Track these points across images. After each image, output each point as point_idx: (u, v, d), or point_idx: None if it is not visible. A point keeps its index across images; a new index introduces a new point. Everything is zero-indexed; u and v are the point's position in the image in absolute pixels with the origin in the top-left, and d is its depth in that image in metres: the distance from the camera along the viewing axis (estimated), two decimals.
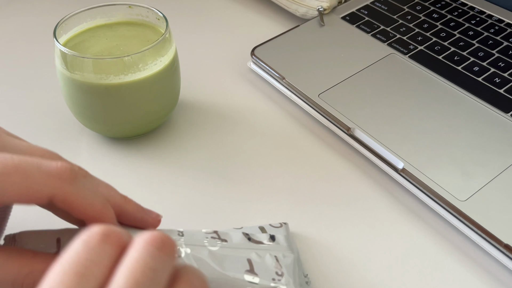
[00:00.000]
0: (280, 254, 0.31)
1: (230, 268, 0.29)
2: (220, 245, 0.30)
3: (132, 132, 0.43)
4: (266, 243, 0.32)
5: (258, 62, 0.50)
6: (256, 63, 0.50)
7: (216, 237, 0.31)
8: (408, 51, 0.50)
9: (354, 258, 0.35)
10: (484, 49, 0.50)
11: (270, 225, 0.34)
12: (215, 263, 0.29)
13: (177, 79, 0.44)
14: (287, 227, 0.35)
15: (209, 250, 0.29)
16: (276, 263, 0.30)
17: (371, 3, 0.57)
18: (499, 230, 0.34)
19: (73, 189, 0.24)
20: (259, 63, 0.50)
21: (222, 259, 0.29)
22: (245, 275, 0.29)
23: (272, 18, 0.60)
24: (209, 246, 0.29)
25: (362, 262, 0.35)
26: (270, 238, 0.32)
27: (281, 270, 0.30)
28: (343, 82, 0.47)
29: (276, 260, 0.30)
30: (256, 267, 0.30)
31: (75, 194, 0.24)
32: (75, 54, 0.38)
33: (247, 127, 0.46)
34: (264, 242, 0.32)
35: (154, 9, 0.43)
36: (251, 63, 0.51)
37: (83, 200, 0.25)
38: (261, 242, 0.32)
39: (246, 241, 0.31)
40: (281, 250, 0.32)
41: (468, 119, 0.42)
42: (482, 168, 0.38)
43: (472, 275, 0.34)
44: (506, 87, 0.45)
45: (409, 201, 0.39)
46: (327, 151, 0.43)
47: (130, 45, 0.42)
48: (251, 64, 0.51)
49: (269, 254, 0.31)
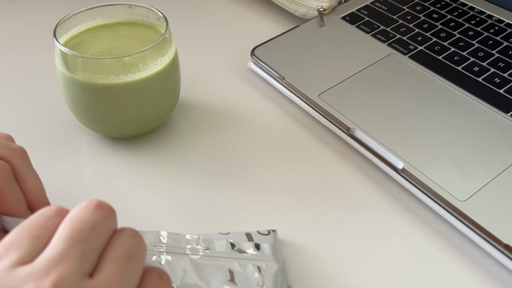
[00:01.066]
0: (264, 264, 0.31)
1: (210, 277, 0.29)
2: (202, 253, 0.30)
3: (132, 132, 0.43)
4: (249, 253, 0.31)
5: (258, 62, 0.50)
6: (256, 63, 0.50)
7: (199, 244, 0.31)
8: (408, 51, 0.50)
9: (354, 258, 0.35)
10: (484, 49, 0.50)
11: (258, 232, 0.34)
12: (195, 271, 0.29)
13: (177, 79, 0.44)
14: (275, 234, 0.34)
15: (190, 258, 0.29)
16: (258, 274, 0.30)
17: (371, 3, 0.57)
18: (499, 230, 0.34)
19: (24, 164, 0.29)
20: (259, 63, 0.50)
21: (202, 268, 0.29)
22: (224, 285, 0.29)
23: (272, 18, 0.60)
24: (191, 254, 0.30)
25: (361, 261, 0.35)
26: (255, 247, 0.32)
27: (262, 281, 0.30)
28: (343, 82, 0.47)
29: (259, 271, 0.30)
30: (237, 277, 0.30)
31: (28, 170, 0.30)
32: (75, 54, 0.38)
33: (247, 127, 0.46)
34: (247, 252, 0.31)
35: (154, 9, 0.43)
36: (251, 63, 0.51)
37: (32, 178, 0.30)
38: (244, 251, 0.31)
39: (230, 250, 0.31)
40: (265, 260, 0.31)
41: (468, 119, 0.42)
42: (482, 168, 0.38)
43: (472, 275, 0.34)
44: (506, 87, 0.45)
45: (409, 201, 0.39)
46: (327, 151, 0.43)
47: (130, 45, 0.42)
48: (251, 64, 0.51)
49: (251, 264, 0.31)
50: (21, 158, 0.30)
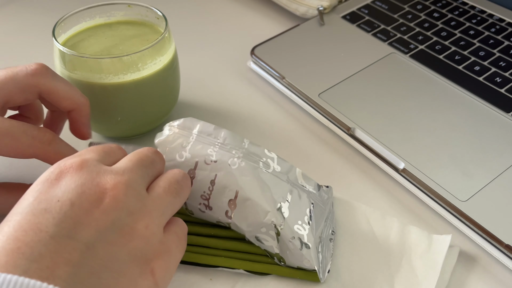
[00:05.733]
0: (317, 202, 0.34)
1: (268, 191, 0.32)
2: (271, 171, 0.33)
3: (131, 131, 0.43)
4: (310, 190, 0.34)
5: (258, 61, 0.50)
6: (256, 62, 0.50)
7: (273, 161, 0.34)
8: (408, 50, 0.50)
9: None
10: (485, 48, 0.49)
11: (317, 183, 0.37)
12: (258, 183, 0.32)
13: (176, 79, 0.43)
14: (331, 190, 0.37)
15: (259, 170, 0.33)
16: (309, 209, 0.33)
17: (372, 2, 0.57)
18: (500, 230, 0.34)
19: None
20: (259, 63, 0.50)
21: (265, 182, 0.32)
22: (279, 203, 0.32)
23: (272, 18, 0.60)
24: (263, 168, 0.33)
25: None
26: (316, 187, 0.35)
27: (309, 214, 0.33)
28: (343, 82, 0.46)
29: (312, 206, 0.33)
30: (291, 204, 0.32)
31: (55, 85, 0.34)
32: (74, 53, 0.38)
33: (246, 126, 0.45)
34: (307, 188, 0.34)
35: (153, 8, 0.42)
36: (251, 62, 0.51)
37: (61, 87, 0.34)
38: (305, 186, 0.34)
39: (296, 177, 0.34)
40: (319, 200, 0.35)
41: (469, 119, 0.42)
42: (483, 168, 0.38)
43: (472, 276, 0.34)
44: (507, 87, 0.45)
45: (409, 201, 0.39)
46: (327, 151, 0.43)
47: (130, 45, 0.41)
48: (251, 64, 0.51)
49: (307, 196, 0.34)
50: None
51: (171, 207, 0.28)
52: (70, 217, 0.24)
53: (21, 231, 0.23)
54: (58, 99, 0.34)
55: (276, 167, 0.34)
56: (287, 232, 0.31)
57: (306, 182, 0.35)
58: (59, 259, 0.22)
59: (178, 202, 0.29)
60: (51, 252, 0.22)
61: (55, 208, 0.24)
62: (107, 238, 0.24)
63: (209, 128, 0.34)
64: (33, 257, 0.22)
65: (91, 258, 0.23)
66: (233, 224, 0.33)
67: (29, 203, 0.24)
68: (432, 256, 0.33)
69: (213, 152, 0.33)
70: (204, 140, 0.34)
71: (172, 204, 0.28)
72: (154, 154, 0.30)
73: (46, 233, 0.23)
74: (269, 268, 0.33)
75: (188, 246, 0.33)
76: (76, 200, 0.24)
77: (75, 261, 0.23)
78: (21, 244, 0.22)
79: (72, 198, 0.24)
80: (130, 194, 0.26)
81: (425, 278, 0.32)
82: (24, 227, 0.23)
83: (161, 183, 0.28)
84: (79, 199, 0.24)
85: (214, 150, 0.33)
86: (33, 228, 0.23)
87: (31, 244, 0.22)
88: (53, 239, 0.23)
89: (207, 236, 0.34)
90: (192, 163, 0.33)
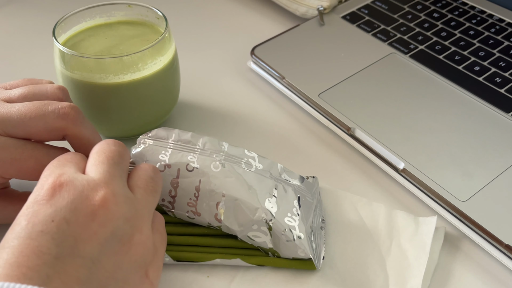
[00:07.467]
0: (304, 194, 0.35)
1: (254, 189, 0.32)
2: (254, 170, 0.34)
3: (131, 131, 0.43)
4: (294, 183, 0.35)
5: (258, 61, 0.50)
6: (256, 62, 0.50)
7: (254, 160, 0.35)
8: (408, 50, 0.50)
9: (354, 257, 0.35)
10: (485, 48, 0.49)
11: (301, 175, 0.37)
12: (243, 182, 0.32)
13: (176, 79, 0.43)
14: (316, 180, 0.37)
15: (242, 170, 0.33)
16: (297, 202, 0.34)
17: (372, 3, 0.57)
18: (500, 230, 0.34)
19: (77, 128, 0.32)
20: (259, 63, 0.50)
21: (250, 181, 0.33)
22: (266, 199, 0.32)
23: (272, 18, 0.60)
24: (246, 168, 0.34)
25: (361, 261, 0.34)
26: (300, 179, 0.36)
27: (297, 211, 0.33)
28: (343, 82, 0.46)
29: (298, 199, 0.34)
30: (278, 198, 0.33)
31: (81, 131, 0.33)
32: (74, 53, 0.38)
33: (246, 126, 0.45)
34: (292, 181, 0.35)
35: (153, 9, 0.42)
36: (251, 62, 0.51)
37: (86, 135, 0.33)
38: (288, 180, 0.35)
39: (279, 173, 0.35)
40: (305, 192, 0.35)
41: (469, 119, 0.42)
42: (482, 168, 0.38)
43: (472, 276, 0.34)
44: (507, 87, 0.45)
45: (409, 201, 0.39)
46: (327, 151, 0.43)
47: (130, 45, 0.41)
48: (251, 64, 0.51)
49: (293, 190, 0.34)
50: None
51: (152, 206, 0.28)
52: (70, 235, 0.24)
53: (23, 257, 0.22)
54: (80, 146, 0.34)
55: (258, 165, 0.34)
56: (278, 226, 0.32)
57: (289, 176, 0.35)
58: (68, 279, 0.22)
59: (157, 199, 0.29)
60: (59, 273, 0.22)
61: (52, 229, 0.23)
62: (110, 249, 0.24)
63: (186, 136, 0.34)
64: (41, 281, 0.22)
65: (98, 272, 0.23)
66: (224, 227, 0.33)
67: (23, 227, 0.24)
68: (420, 237, 0.34)
69: (194, 159, 0.33)
70: (183, 148, 0.33)
71: (153, 203, 0.29)
72: (118, 145, 0.29)
73: (49, 255, 0.23)
74: (265, 261, 0.33)
75: (183, 247, 0.33)
76: (71, 217, 0.24)
77: (84, 277, 0.23)
78: (26, 269, 0.22)
79: (66, 216, 0.24)
80: (120, 201, 0.26)
81: (415, 259, 0.33)
82: (24, 252, 0.22)
83: (139, 183, 0.28)
84: (74, 216, 0.24)
85: (194, 156, 0.33)
86: (34, 251, 0.23)
87: (36, 268, 0.22)
88: (58, 259, 0.23)
89: (201, 236, 0.34)
90: (174, 172, 0.33)
